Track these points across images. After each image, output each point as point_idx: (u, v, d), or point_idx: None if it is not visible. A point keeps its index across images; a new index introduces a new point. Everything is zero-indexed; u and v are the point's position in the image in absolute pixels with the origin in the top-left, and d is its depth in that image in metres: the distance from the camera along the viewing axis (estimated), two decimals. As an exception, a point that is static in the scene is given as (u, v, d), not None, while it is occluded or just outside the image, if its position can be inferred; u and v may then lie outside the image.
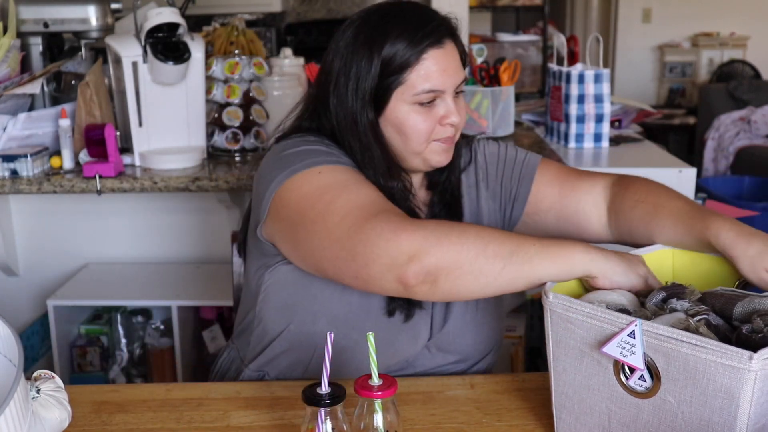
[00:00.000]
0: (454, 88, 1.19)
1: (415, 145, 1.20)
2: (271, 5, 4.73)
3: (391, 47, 1.15)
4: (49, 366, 2.23)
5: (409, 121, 1.18)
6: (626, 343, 0.85)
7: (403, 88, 1.17)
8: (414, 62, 1.16)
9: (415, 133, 1.19)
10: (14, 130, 2.09)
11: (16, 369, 0.82)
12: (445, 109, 1.19)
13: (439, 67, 1.17)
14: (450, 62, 1.18)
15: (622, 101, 2.70)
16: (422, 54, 1.16)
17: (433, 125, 1.19)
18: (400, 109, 1.18)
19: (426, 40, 1.16)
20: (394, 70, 1.16)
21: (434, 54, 1.16)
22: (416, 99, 1.17)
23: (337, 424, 0.88)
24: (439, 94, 1.18)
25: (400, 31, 1.16)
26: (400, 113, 1.18)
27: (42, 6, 2.29)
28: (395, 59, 1.15)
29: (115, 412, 1.11)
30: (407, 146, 1.21)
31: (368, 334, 0.89)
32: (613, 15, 6.64)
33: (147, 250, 2.40)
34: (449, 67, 1.18)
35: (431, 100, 1.18)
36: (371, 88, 1.17)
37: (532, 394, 1.13)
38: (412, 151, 1.21)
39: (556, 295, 0.93)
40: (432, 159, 1.22)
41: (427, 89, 1.16)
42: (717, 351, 0.79)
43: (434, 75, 1.16)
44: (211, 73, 2.21)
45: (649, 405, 0.86)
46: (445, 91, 1.18)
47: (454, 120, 1.19)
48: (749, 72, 6.06)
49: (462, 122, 1.22)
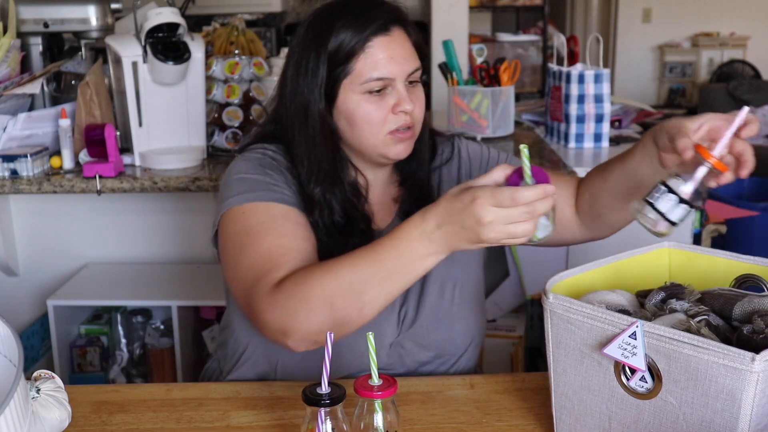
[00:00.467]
0: (405, 76, 1.17)
1: (369, 137, 1.18)
2: (271, 5, 4.73)
3: (337, 38, 1.15)
4: (49, 366, 2.23)
5: (360, 111, 1.17)
6: (627, 344, 0.84)
7: (351, 77, 1.16)
8: (359, 50, 1.15)
9: (367, 123, 1.17)
10: (14, 130, 2.09)
11: (16, 369, 0.82)
12: (396, 97, 1.17)
13: (386, 54, 1.15)
14: (398, 49, 1.17)
15: (622, 101, 2.70)
16: (367, 42, 1.15)
17: (385, 114, 1.17)
18: (351, 100, 1.17)
19: (370, 27, 1.15)
20: (341, 60, 1.15)
21: (380, 41, 1.15)
22: (365, 88, 1.16)
23: (337, 424, 0.88)
24: (389, 82, 1.16)
25: (345, 21, 1.16)
26: (351, 104, 1.17)
27: (42, 6, 2.29)
28: (341, 49, 1.15)
29: (115, 412, 1.11)
30: (362, 138, 1.19)
31: (368, 334, 0.89)
32: (613, 15, 6.65)
33: (147, 250, 2.40)
34: (397, 54, 1.16)
35: (381, 88, 1.16)
36: (321, 80, 1.17)
37: (532, 394, 1.13)
38: (367, 144, 1.19)
39: (556, 296, 0.93)
40: (389, 151, 1.20)
41: (375, 77, 1.15)
42: (719, 352, 0.78)
43: (381, 62, 1.15)
44: (211, 73, 2.21)
45: (650, 406, 0.86)
46: (395, 78, 1.16)
47: (407, 107, 1.17)
48: (749, 72, 6.07)
49: (419, 112, 1.20)
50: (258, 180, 1.19)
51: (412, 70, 1.18)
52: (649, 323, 0.85)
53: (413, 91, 1.19)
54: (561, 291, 0.97)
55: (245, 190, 1.18)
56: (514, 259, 2.16)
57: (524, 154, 0.96)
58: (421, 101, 1.21)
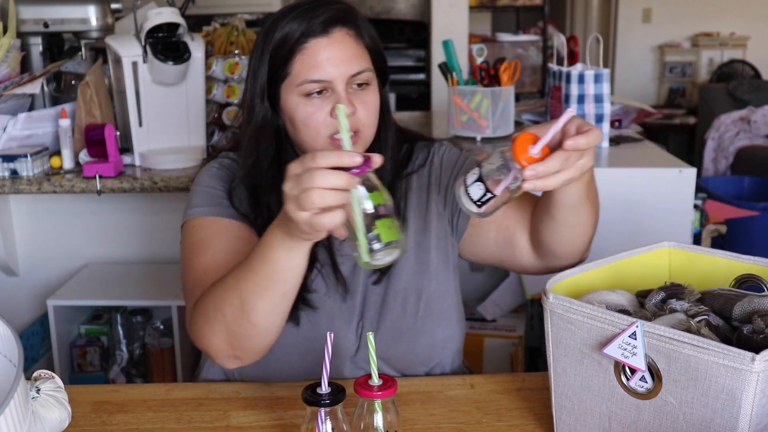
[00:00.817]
0: (345, 79, 1.13)
1: (309, 140, 1.15)
2: (271, 5, 4.73)
3: (277, 39, 1.14)
4: (49, 366, 2.23)
5: (299, 114, 1.15)
6: (627, 344, 0.84)
7: (290, 79, 1.14)
8: (297, 52, 1.13)
9: (305, 126, 1.14)
10: (14, 130, 2.09)
11: (16, 369, 0.82)
12: (335, 100, 1.13)
13: (323, 56, 1.12)
14: (338, 51, 1.13)
15: (622, 101, 2.70)
16: (304, 43, 1.12)
17: (324, 118, 1.13)
18: (291, 101, 1.15)
19: (309, 28, 1.12)
20: (280, 61, 1.14)
21: (318, 42, 1.13)
22: (302, 90, 1.13)
23: (337, 424, 0.88)
24: (327, 85, 1.13)
25: (285, 22, 1.14)
26: (291, 105, 1.15)
27: (42, 6, 2.29)
28: (280, 50, 1.14)
29: (115, 412, 1.11)
30: (304, 142, 1.17)
31: (368, 334, 0.90)
32: (613, 15, 6.64)
33: (147, 250, 2.40)
34: (335, 56, 1.12)
35: (319, 91, 1.13)
36: (262, 81, 1.16)
37: (532, 394, 1.13)
38: (309, 147, 1.16)
39: (556, 296, 0.93)
40: None
41: (311, 79, 1.12)
42: (719, 352, 0.78)
43: (318, 64, 1.12)
44: (211, 73, 2.21)
45: (650, 406, 0.86)
46: (333, 81, 1.12)
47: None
48: (749, 72, 6.06)
49: (366, 116, 1.16)
50: (210, 193, 1.22)
51: (353, 73, 1.13)
52: (649, 323, 0.85)
53: (359, 94, 1.15)
54: (561, 291, 0.97)
55: (197, 204, 1.22)
56: (514, 259, 2.16)
57: (340, 112, 0.92)
58: (369, 105, 1.16)
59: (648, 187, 2.10)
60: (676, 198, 2.09)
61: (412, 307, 1.24)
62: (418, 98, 4.91)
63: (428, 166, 1.31)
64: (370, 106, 1.16)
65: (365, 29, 1.18)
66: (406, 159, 1.31)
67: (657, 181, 2.10)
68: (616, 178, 2.10)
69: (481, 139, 2.39)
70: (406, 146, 1.33)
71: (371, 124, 1.17)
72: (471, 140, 2.40)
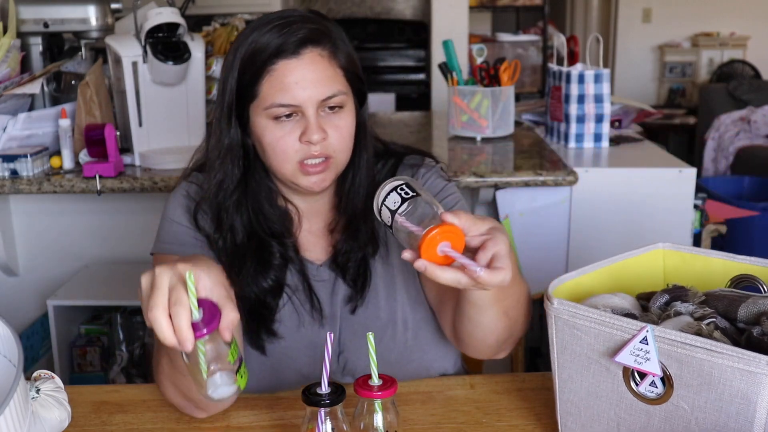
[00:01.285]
0: (315, 103, 1.08)
1: (278, 165, 1.11)
2: (270, 5, 4.73)
3: (246, 56, 1.09)
4: (49, 366, 2.23)
5: (266, 137, 1.10)
6: (639, 350, 0.83)
7: (258, 101, 1.09)
8: (265, 72, 1.08)
9: (273, 151, 1.10)
10: (14, 130, 2.09)
11: (16, 369, 0.82)
12: (304, 125, 1.08)
13: (292, 79, 1.07)
14: (307, 74, 1.07)
15: (622, 101, 2.70)
16: (272, 65, 1.07)
17: (293, 143, 1.09)
18: (258, 124, 1.10)
19: (278, 48, 1.07)
20: (248, 80, 1.09)
21: (286, 64, 1.07)
22: (270, 113, 1.08)
23: (337, 424, 0.88)
24: (297, 109, 1.08)
25: (255, 36, 1.09)
26: (259, 128, 1.11)
27: (42, 6, 2.29)
28: (249, 68, 1.09)
29: (115, 412, 1.11)
30: (272, 166, 1.12)
31: (368, 334, 0.89)
32: (613, 15, 6.64)
33: (147, 250, 2.38)
34: (305, 79, 1.07)
35: (287, 114, 1.08)
36: (232, 101, 1.11)
37: (532, 394, 1.13)
38: (278, 171, 1.12)
39: (561, 302, 0.91)
40: (300, 182, 1.12)
41: (279, 103, 1.07)
42: (733, 356, 0.77)
43: (287, 87, 1.07)
44: (211, 73, 2.21)
45: (660, 411, 0.85)
46: (302, 105, 1.07)
47: (313, 137, 1.07)
48: (749, 72, 6.06)
49: (339, 141, 1.11)
50: (176, 231, 1.19)
51: (324, 97, 1.08)
52: (660, 327, 0.83)
53: (331, 118, 1.10)
54: (562, 294, 0.96)
55: (164, 239, 1.20)
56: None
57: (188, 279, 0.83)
58: (342, 129, 1.11)
59: (648, 187, 2.10)
60: (676, 198, 2.09)
61: (401, 337, 1.21)
62: (418, 98, 4.92)
63: None
64: (343, 131, 1.11)
65: (342, 49, 1.12)
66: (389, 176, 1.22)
67: (657, 181, 2.10)
68: (616, 178, 2.10)
69: (481, 139, 2.39)
70: (392, 161, 1.25)
71: (344, 149, 1.12)
72: (471, 140, 2.40)
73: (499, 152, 2.29)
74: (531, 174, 2.01)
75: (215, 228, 1.17)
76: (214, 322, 0.84)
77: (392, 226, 0.93)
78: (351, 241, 1.19)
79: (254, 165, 1.17)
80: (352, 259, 1.19)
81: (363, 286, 1.19)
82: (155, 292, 0.84)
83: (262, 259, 1.17)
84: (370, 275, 1.20)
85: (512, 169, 2.06)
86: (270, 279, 1.17)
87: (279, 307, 1.18)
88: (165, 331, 0.82)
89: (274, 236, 1.17)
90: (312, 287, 1.20)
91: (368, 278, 1.20)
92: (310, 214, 1.22)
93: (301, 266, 1.20)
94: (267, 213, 1.18)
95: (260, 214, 1.17)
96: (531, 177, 2.01)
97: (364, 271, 1.19)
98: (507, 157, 2.25)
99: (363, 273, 1.19)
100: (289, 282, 1.19)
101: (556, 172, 2.01)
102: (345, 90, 1.11)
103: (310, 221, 1.22)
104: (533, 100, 3.64)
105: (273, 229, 1.18)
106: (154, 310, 0.83)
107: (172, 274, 0.84)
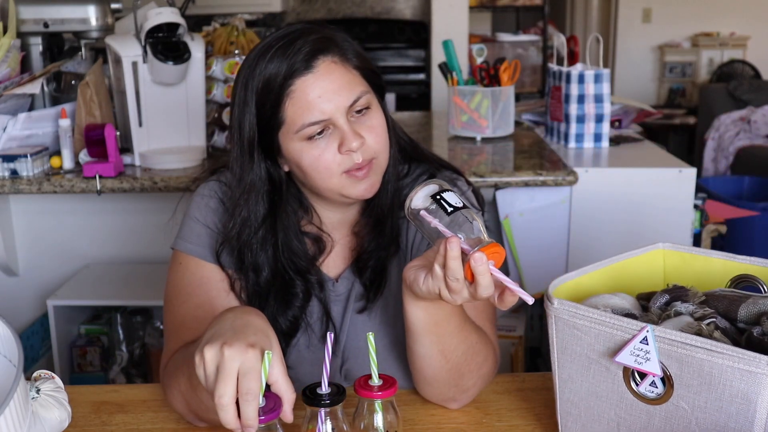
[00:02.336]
0: (343, 111, 1.05)
1: (322, 182, 1.08)
2: (271, 5, 4.73)
3: (260, 87, 1.06)
4: (49, 366, 2.23)
5: (305, 160, 1.07)
6: (639, 350, 0.83)
7: (286, 127, 1.06)
8: (285, 97, 1.05)
9: (315, 170, 1.07)
10: (14, 130, 2.09)
11: (16, 369, 0.82)
12: (339, 136, 1.06)
13: (314, 94, 1.04)
14: (327, 84, 1.05)
15: (622, 101, 2.70)
16: (290, 87, 1.04)
17: (333, 156, 1.06)
18: (293, 149, 1.07)
19: (290, 68, 1.04)
20: (270, 110, 1.06)
21: (304, 83, 1.04)
22: (302, 135, 1.05)
23: (337, 424, 0.88)
24: (327, 123, 1.05)
25: (264, 65, 1.06)
26: (294, 153, 1.07)
27: (42, 6, 2.29)
28: (267, 98, 1.06)
29: (115, 412, 1.11)
30: (317, 186, 1.10)
31: (368, 334, 0.89)
32: (613, 15, 6.64)
33: (147, 250, 2.40)
34: (327, 91, 1.04)
35: (320, 131, 1.05)
36: (252, 136, 1.08)
37: (532, 394, 1.13)
38: (324, 189, 1.10)
39: (562, 302, 0.91)
40: (350, 192, 1.09)
41: (308, 122, 1.04)
42: (733, 356, 0.77)
43: (311, 105, 1.04)
44: (211, 73, 2.21)
45: (660, 411, 0.85)
46: (330, 117, 1.05)
47: (353, 145, 1.05)
48: (749, 72, 6.06)
49: (376, 142, 1.08)
50: (198, 232, 1.17)
51: (350, 102, 1.06)
52: (660, 327, 0.83)
53: (362, 121, 1.08)
54: (562, 294, 0.96)
55: (186, 238, 1.18)
56: (514, 260, 2.16)
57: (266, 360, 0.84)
58: (377, 128, 1.08)
59: (648, 187, 2.10)
60: (676, 198, 2.09)
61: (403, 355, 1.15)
62: (418, 98, 4.92)
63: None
64: (378, 130, 1.09)
65: (350, 50, 1.09)
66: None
67: (657, 181, 2.10)
68: (616, 178, 2.10)
69: (481, 139, 2.39)
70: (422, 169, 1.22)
71: (383, 148, 1.10)
72: (471, 140, 2.40)
73: (499, 152, 2.30)
74: (531, 174, 2.01)
75: (237, 267, 1.15)
76: (276, 410, 0.85)
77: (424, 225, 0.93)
78: (377, 240, 1.17)
79: (286, 197, 1.14)
80: (373, 258, 1.17)
81: (378, 287, 1.18)
82: (225, 380, 0.83)
83: (284, 299, 1.15)
84: (387, 277, 1.18)
85: (512, 169, 2.06)
86: (289, 319, 1.16)
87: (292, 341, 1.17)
88: (231, 420, 0.83)
89: (299, 273, 1.15)
90: (329, 312, 1.18)
91: (384, 280, 1.18)
92: (341, 225, 1.20)
93: (321, 294, 1.18)
94: (295, 248, 1.15)
95: (288, 249, 1.15)
96: (531, 177, 2.01)
97: (380, 272, 1.18)
98: (507, 157, 2.25)
99: (379, 274, 1.18)
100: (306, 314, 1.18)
101: (556, 172, 2.01)
102: (366, 89, 1.09)
103: (338, 232, 1.20)
104: (533, 100, 3.64)
105: (299, 265, 1.15)
106: (224, 399, 0.82)
107: (242, 361, 0.83)
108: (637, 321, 0.86)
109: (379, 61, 5.05)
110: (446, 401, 1.10)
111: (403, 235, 1.19)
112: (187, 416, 1.06)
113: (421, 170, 1.22)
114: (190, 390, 0.99)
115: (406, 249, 1.20)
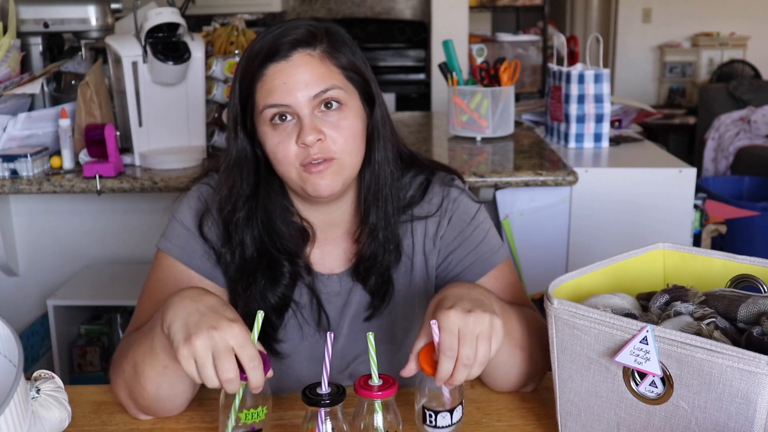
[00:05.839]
0: (307, 101, 1.06)
1: (285, 172, 1.10)
2: (271, 5, 4.73)
3: (243, 69, 1.10)
4: (49, 366, 2.23)
5: (268, 145, 1.09)
6: (639, 350, 0.83)
7: (256, 108, 1.10)
8: (257, 80, 1.08)
9: (275, 156, 1.09)
10: (14, 130, 2.09)
11: (16, 369, 0.82)
12: (299, 127, 1.06)
13: (280, 80, 1.06)
14: (295, 74, 1.06)
15: (622, 101, 2.71)
16: (263, 69, 1.07)
17: (292, 146, 1.07)
18: (262, 132, 1.10)
19: (269, 54, 1.07)
20: (246, 91, 1.10)
21: (276, 68, 1.07)
22: (264, 118, 1.08)
23: (337, 424, 0.88)
24: (287, 110, 1.07)
25: (249, 51, 1.10)
26: (262, 136, 1.10)
27: (42, 6, 2.29)
28: (245, 80, 1.10)
29: (115, 412, 1.11)
30: (280, 174, 1.11)
31: (368, 334, 0.89)
32: (613, 15, 6.64)
33: (147, 250, 2.39)
34: (294, 80, 1.06)
35: (281, 116, 1.07)
36: (237, 113, 1.12)
37: (532, 394, 1.13)
38: (287, 178, 1.11)
39: (561, 302, 0.91)
40: (307, 186, 1.09)
41: (269, 104, 1.07)
42: (733, 356, 0.77)
43: (274, 89, 1.06)
44: (211, 73, 2.21)
45: (660, 411, 0.85)
46: (292, 105, 1.06)
47: (308, 139, 1.05)
48: (749, 72, 6.06)
49: (338, 142, 1.08)
50: (182, 234, 1.18)
51: (315, 93, 1.06)
52: (660, 327, 0.83)
53: (329, 117, 1.08)
54: (562, 294, 0.96)
55: (170, 238, 1.19)
56: (514, 260, 2.16)
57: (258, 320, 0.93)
58: (344, 129, 1.08)
59: (648, 187, 2.10)
60: (676, 198, 2.09)
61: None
62: (418, 98, 4.92)
63: (439, 217, 1.20)
64: (345, 131, 1.08)
65: (341, 50, 1.10)
66: (420, 194, 1.21)
67: (657, 181, 2.10)
68: (616, 178, 2.10)
69: (481, 139, 2.39)
70: (421, 178, 1.22)
71: (348, 150, 1.09)
72: (471, 140, 2.40)
73: (499, 152, 2.30)
74: (531, 174, 2.01)
75: (224, 241, 1.16)
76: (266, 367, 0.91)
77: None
78: (374, 247, 1.17)
79: (266, 180, 1.15)
80: (375, 266, 1.17)
81: (385, 295, 1.18)
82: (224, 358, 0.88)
83: (272, 277, 1.15)
84: (393, 285, 1.18)
85: (512, 169, 2.06)
86: (277, 296, 1.16)
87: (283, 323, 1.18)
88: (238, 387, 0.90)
89: (286, 253, 1.16)
90: (321, 302, 1.19)
91: (391, 287, 1.18)
92: (328, 226, 1.20)
93: (311, 281, 1.18)
94: (279, 231, 1.16)
95: (272, 230, 1.15)
96: (531, 177, 2.01)
97: (386, 279, 1.18)
98: (507, 157, 2.25)
99: (386, 282, 1.18)
100: (296, 298, 1.18)
101: (556, 172, 2.01)
102: (341, 86, 1.08)
103: (326, 233, 1.20)
104: (533, 100, 3.64)
105: (285, 247, 1.16)
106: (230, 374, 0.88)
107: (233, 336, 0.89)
108: (637, 321, 0.86)
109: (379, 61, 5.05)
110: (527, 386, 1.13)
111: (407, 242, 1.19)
112: (130, 409, 1.07)
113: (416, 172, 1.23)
114: (134, 377, 1.02)
115: (412, 254, 1.20)
